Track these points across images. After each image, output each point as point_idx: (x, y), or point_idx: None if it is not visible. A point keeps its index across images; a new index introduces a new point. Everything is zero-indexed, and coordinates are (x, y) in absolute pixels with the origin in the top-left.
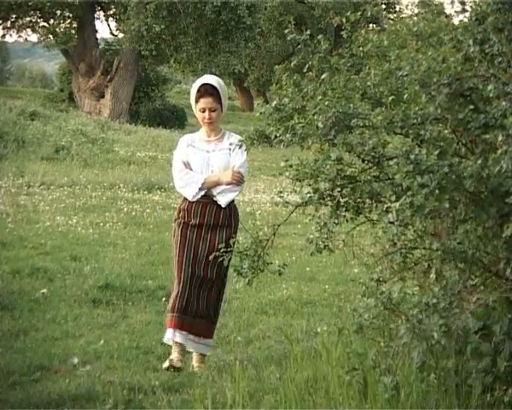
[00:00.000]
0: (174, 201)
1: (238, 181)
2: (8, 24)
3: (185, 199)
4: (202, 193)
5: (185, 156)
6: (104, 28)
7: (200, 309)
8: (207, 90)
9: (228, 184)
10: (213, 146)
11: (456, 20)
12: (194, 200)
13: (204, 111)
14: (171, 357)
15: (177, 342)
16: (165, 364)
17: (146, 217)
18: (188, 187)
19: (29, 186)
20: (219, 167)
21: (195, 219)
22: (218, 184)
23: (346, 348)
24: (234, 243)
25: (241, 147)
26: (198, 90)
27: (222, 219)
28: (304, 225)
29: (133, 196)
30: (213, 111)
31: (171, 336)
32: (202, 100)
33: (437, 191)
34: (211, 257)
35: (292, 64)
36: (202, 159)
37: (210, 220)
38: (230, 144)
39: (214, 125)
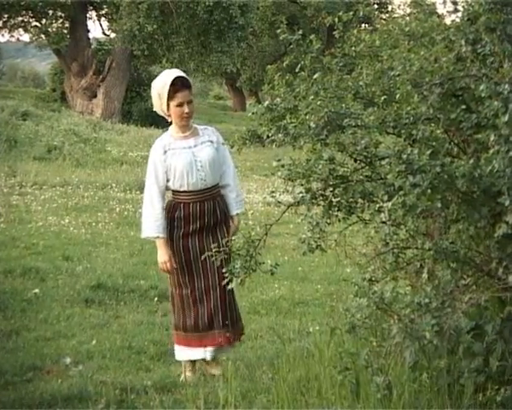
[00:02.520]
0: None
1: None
2: (0, 23)
3: (177, 206)
4: (154, 237)
5: (162, 168)
6: (96, 28)
7: (225, 318)
8: (184, 83)
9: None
10: (193, 141)
11: (448, 20)
12: (143, 237)
13: (182, 105)
14: (186, 376)
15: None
16: (182, 378)
17: (138, 217)
18: (148, 221)
19: (21, 186)
20: (208, 161)
21: (195, 223)
22: (162, 252)
23: (338, 348)
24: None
25: (223, 144)
26: (173, 84)
27: (219, 214)
28: (296, 225)
29: (125, 195)
30: (190, 103)
31: (194, 355)
32: (179, 94)
33: (429, 191)
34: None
35: (284, 64)
36: (188, 157)
37: (210, 220)
38: (211, 142)
39: (191, 118)
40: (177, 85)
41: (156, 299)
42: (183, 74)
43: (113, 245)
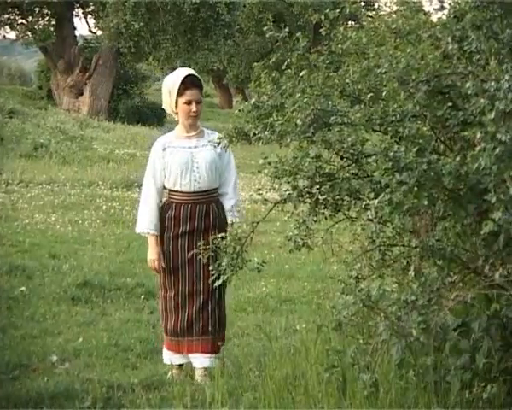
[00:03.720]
0: None
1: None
2: None
3: (170, 206)
4: (146, 233)
5: (160, 165)
6: (83, 25)
7: (205, 327)
8: (194, 82)
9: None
10: (195, 142)
11: (434, 18)
12: (137, 232)
13: (190, 104)
14: (173, 373)
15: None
16: (169, 375)
17: (125, 214)
18: (143, 218)
19: (7, 184)
20: (205, 164)
21: (185, 225)
22: (152, 250)
23: (324, 346)
24: None
25: (226, 150)
26: (183, 82)
27: (213, 220)
28: (283, 223)
29: (112, 193)
30: (199, 103)
31: (175, 360)
32: (189, 92)
33: (415, 188)
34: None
35: (271, 61)
36: (186, 157)
37: (201, 224)
38: (214, 146)
39: (198, 119)
40: (188, 83)
41: (143, 297)
42: (194, 73)
43: (99, 243)
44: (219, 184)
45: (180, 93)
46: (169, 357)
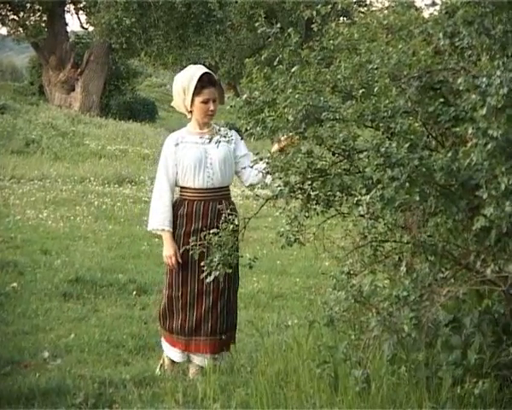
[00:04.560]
0: (145, 194)
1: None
2: None
3: (182, 203)
4: (160, 230)
5: (172, 161)
6: (74, 21)
7: (213, 327)
8: (211, 80)
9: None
10: (208, 138)
11: (426, 14)
12: (148, 229)
13: (207, 102)
14: (165, 365)
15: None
16: (157, 370)
17: (116, 210)
18: (156, 214)
19: None
20: (218, 160)
21: (197, 223)
22: (169, 246)
23: (316, 341)
24: (237, 241)
25: (242, 138)
26: (200, 80)
27: (225, 217)
28: (274, 219)
29: (104, 189)
30: (215, 102)
31: (175, 357)
32: (206, 91)
33: (407, 184)
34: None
35: (262, 57)
36: (199, 152)
37: (213, 221)
38: (227, 142)
39: (213, 117)
40: (204, 82)
41: (135, 293)
42: (209, 71)
43: (91, 239)
44: (241, 172)
45: (197, 92)
46: (169, 351)
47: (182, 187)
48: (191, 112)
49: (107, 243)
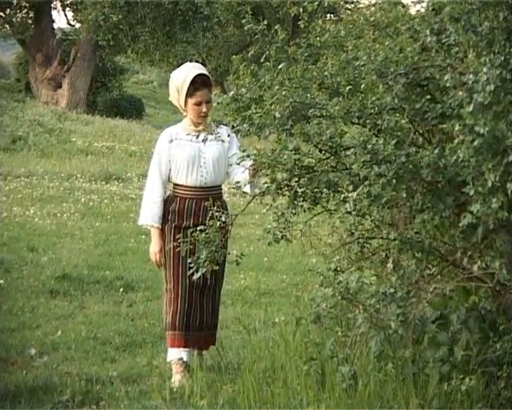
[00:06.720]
0: (132, 191)
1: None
2: None
3: (174, 199)
4: (149, 226)
5: (166, 157)
6: (61, 18)
7: (204, 321)
8: (204, 82)
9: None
10: (203, 136)
11: (413, 10)
12: (139, 224)
13: (200, 104)
14: (177, 378)
15: (180, 360)
16: (175, 384)
17: (103, 207)
18: (147, 210)
19: None
20: (212, 159)
21: (188, 220)
22: (155, 243)
23: (303, 338)
24: (227, 240)
25: (236, 135)
26: (193, 82)
27: (212, 214)
28: (261, 216)
29: (91, 186)
30: (208, 103)
31: (176, 355)
32: (199, 93)
33: (394, 181)
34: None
35: (249, 54)
36: (193, 150)
37: (204, 220)
38: (222, 141)
39: (207, 118)
40: (198, 84)
41: (122, 290)
42: (204, 72)
43: (78, 236)
44: (230, 172)
45: (190, 94)
46: (180, 353)
47: (175, 184)
48: (186, 111)
49: (94, 239)
